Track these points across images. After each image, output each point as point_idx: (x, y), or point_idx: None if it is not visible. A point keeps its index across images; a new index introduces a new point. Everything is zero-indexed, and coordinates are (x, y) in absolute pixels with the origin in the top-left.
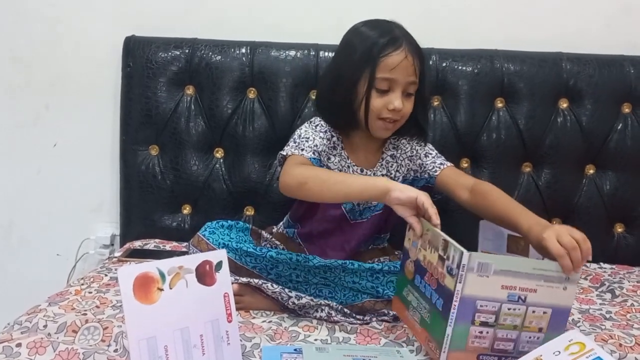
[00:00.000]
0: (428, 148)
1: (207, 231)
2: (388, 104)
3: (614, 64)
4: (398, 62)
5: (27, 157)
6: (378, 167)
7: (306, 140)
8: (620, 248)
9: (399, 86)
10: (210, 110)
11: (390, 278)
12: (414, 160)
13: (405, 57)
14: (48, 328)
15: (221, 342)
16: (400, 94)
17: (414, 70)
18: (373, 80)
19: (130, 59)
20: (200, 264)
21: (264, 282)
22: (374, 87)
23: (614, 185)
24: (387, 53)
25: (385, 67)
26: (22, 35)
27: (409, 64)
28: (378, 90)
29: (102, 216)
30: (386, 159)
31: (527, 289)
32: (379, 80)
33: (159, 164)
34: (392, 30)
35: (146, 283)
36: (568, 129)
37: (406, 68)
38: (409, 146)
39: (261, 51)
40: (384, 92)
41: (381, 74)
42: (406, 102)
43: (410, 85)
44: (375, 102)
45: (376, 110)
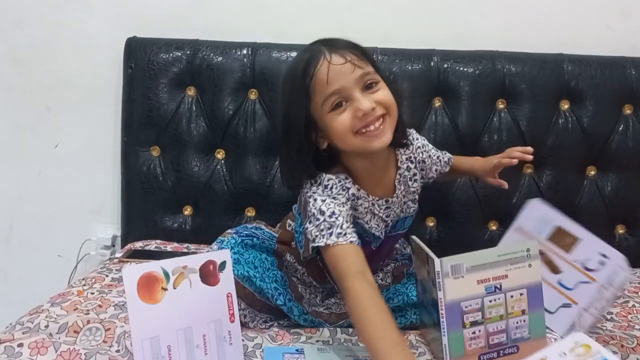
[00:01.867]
0: (428, 145)
1: (233, 257)
2: (356, 113)
3: (616, 65)
4: (326, 71)
5: (29, 158)
6: (398, 188)
7: (337, 218)
8: (621, 249)
9: (351, 89)
10: (212, 111)
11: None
12: (431, 164)
13: (331, 60)
14: (50, 328)
15: (223, 342)
16: (359, 94)
17: (352, 65)
18: (323, 108)
19: (132, 60)
20: (204, 264)
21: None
22: (329, 112)
23: (616, 186)
24: (312, 72)
25: (319, 86)
26: (23, 36)
27: (340, 63)
28: (335, 110)
29: (103, 217)
30: (403, 174)
31: (499, 277)
32: (326, 102)
33: (160, 165)
34: (309, 49)
35: (150, 283)
36: (569, 130)
37: (341, 69)
38: (426, 157)
39: (262, 52)
40: (342, 108)
41: (322, 95)
42: (375, 94)
43: (364, 77)
44: (339, 121)
45: (345, 128)
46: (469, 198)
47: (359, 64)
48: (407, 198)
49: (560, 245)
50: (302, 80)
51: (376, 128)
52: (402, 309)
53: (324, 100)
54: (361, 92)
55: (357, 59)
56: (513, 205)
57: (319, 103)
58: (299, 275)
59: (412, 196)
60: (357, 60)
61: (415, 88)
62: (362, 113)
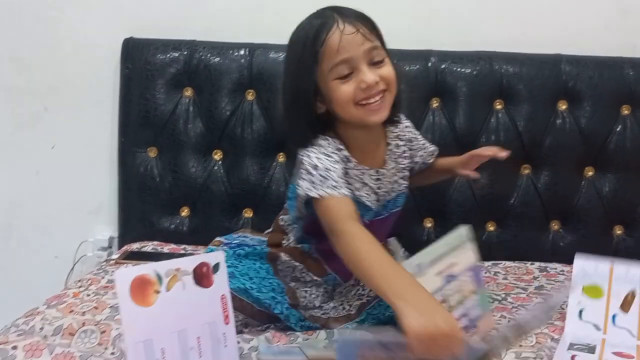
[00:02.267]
0: (414, 129)
1: (228, 263)
2: (360, 84)
3: (613, 65)
4: (338, 39)
5: (26, 158)
6: (388, 161)
7: (330, 172)
8: (619, 250)
9: (359, 60)
10: (209, 112)
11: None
12: (418, 151)
13: (342, 30)
14: (45, 331)
15: (218, 345)
16: (366, 66)
17: (363, 37)
18: (329, 75)
19: (129, 61)
20: (198, 266)
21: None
22: (334, 79)
23: (613, 187)
24: (324, 38)
25: (330, 53)
26: (22, 36)
27: (352, 33)
28: (340, 78)
29: (100, 218)
30: (392, 150)
31: (450, 265)
32: (334, 70)
33: (158, 165)
34: (322, 13)
35: (143, 285)
36: (567, 131)
37: (353, 39)
38: (414, 136)
39: (260, 53)
40: (347, 77)
41: (331, 62)
42: (380, 69)
43: (372, 51)
44: (342, 90)
45: (348, 98)
46: (467, 199)
47: (369, 37)
48: (397, 176)
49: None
50: (312, 45)
51: (376, 101)
52: None
53: (331, 68)
54: (367, 65)
55: (367, 32)
56: (511, 206)
57: (326, 69)
58: (298, 274)
59: (402, 173)
60: (367, 33)
61: (413, 89)
62: (366, 85)
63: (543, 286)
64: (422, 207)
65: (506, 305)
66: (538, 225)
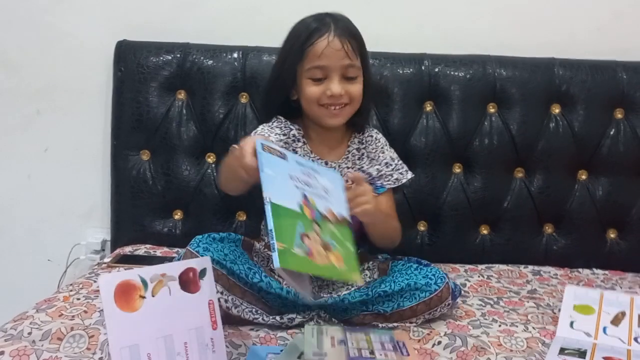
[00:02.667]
0: (389, 157)
1: (200, 247)
2: (326, 91)
3: (606, 69)
4: (323, 47)
5: (18, 161)
6: (344, 159)
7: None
8: (613, 254)
9: (333, 71)
10: (202, 115)
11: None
12: (373, 163)
13: (331, 40)
14: (32, 335)
15: (206, 350)
16: (337, 79)
17: (345, 53)
18: (305, 72)
19: (122, 64)
20: (184, 272)
21: (255, 316)
22: (308, 78)
23: (607, 190)
24: (313, 41)
25: (313, 55)
26: (13, 39)
27: (337, 47)
28: (313, 79)
29: (92, 221)
30: (352, 152)
31: None
32: (310, 70)
33: (150, 168)
34: (322, 19)
35: (127, 291)
36: (560, 135)
37: (335, 52)
38: (374, 147)
39: (253, 56)
40: (319, 81)
41: (310, 64)
42: (350, 85)
43: (348, 68)
44: (311, 90)
45: (313, 98)
46: (460, 202)
47: (350, 55)
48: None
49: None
50: (302, 43)
51: (335, 109)
52: (389, 295)
53: (309, 68)
54: (340, 78)
55: (350, 50)
56: (504, 210)
57: (305, 67)
58: (271, 265)
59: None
60: (350, 51)
61: (406, 92)
62: (331, 94)
63: (536, 290)
64: (416, 210)
65: (498, 309)
66: (531, 228)
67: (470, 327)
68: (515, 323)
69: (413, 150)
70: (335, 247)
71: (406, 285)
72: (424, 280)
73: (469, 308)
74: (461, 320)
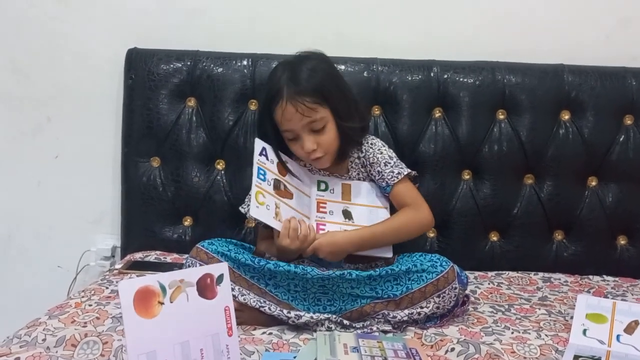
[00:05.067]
0: (387, 156)
1: (205, 242)
2: (303, 148)
3: (616, 75)
4: (281, 114)
5: (28, 168)
6: (351, 171)
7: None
8: (623, 260)
9: (299, 131)
10: (212, 122)
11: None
12: (374, 167)
13: (285, 108)
14: (47, 342)
15: (221, 356)
16: (306, 135)
17: (300, 115)
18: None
19: (132, 71)
20: (202, 277)
21: (262, 305)
22: (286, 138)
23: (617, 197)
24: (274, 109)
25: (278, 121)
26: (24, 46)
27: (292, 112)
28: (289, 139)
29: (103, 228)
30: (354, 162)
31: None
32: (284, 133)
33: (160, 175)
34: (277, 81)
35: (147, 297)
36: (570, 141)
37: (292, 116)
38: (372, 152)
39: (263, 63)
40: (294, 140)
41: (281, 127)
42: (319, 136)
43: (311, 123)
44: (292, 148)
45: (297, 153)
46: (470, 208)
47: (307, 114)
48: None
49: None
50: (268, 107)
51: (317, 158)
52: (395, 276)
53: (283, 132)
54: (308, 133)
55: (306, 109)
56: (514, 216)
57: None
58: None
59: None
60: (305, 109)
61: (415, 99)
62: (306, 151)
63: (547, 297)
64: None
65: (510, 316)
66: (541, 235)
67: (483, 334)
68: (527, 330)
69: (422, 157)
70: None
71: (412, 266)
72: (429, 262)
73: (481, 315)
74: (473, 327)
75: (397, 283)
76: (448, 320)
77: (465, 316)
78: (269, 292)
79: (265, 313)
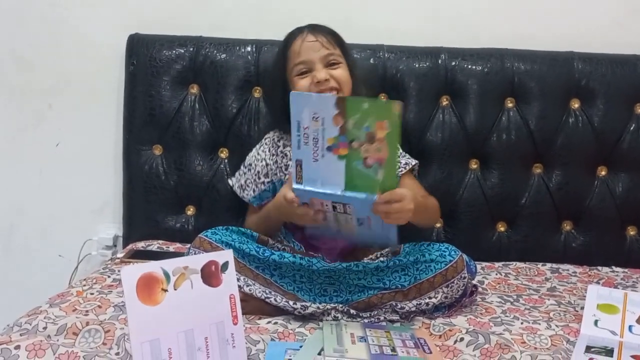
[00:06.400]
0: None
1: (209, 232)
2: (313, 79)
3: (627, 63)
4: (299, 45)
5: (30, 157)
6: None
7: (246, 173)
8: (633, 251)
9: (315, 62)
10: (215, 109)
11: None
12: None
13: (304, 37)
14: (48, 330)
15: (226, 345)
16: (320, 67)
17: (321, 45)
18: (292, 72)
19: (134, 57)
20: (206, 264)
21: (268, 296)
22: (295, 76)
23: (627, 186)
24: (291, 42)
25: (293, 55)
26: (25, 35)
27: (311, 40)
28: (299, 75)
29: (104, 217)
30: None
31: None
32: (294, 68)
33: (163, 164)
34: (298, 28)
35: (150, 283)
36: (580, 130)
37: (312, 46)
38: None
39: (267, 50)
40: (304, 74)
41: (292, 62)
42: (334, 71)
43: (328, 57)
44: (299, 84)
45: (303, 90)
46: (477, 198)
47: (327, 45)
48: None
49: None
50: (283, 48)
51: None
52: (404, 267)
53: (293, 66)
54: (323, 67)
55: (326, 41)
56: (522, 206)
57: (290, 67)
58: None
59: None
60: (325, 42)
61: (423, 86)
62: (317, 80)
63: (556, 287)
64: None
65: (519, 306)
66: (549, 225)
67: (492, 324)
68: (537, 320)
69: (429, 146)
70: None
71: (420, 256)
72: (438, 252)
73: (489, 305)
74: (482, 317)
75: (404, 273)
76: (456, 310)
77: (473, 306)
78: (275, 283)
79: (270, 304)
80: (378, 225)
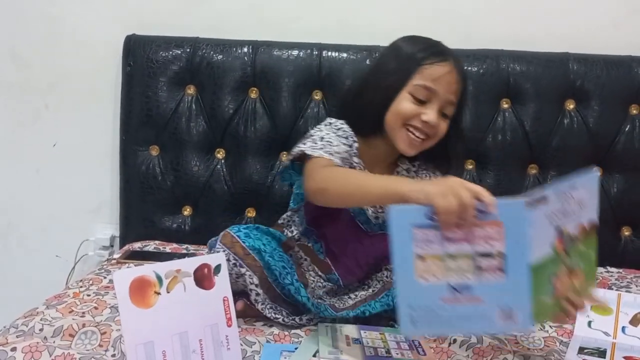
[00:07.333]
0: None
1: (241, 232)
2: (422, 115)
3: (622, 64)
4: (442, 73)
5: (26, 156)
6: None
7: (330, 145)
8: (627, 252)
9: (437, 100)
10: (212, 110)
11: None
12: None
13: (451, 71)
14: (44, 332)
15: (221, 347)
16: (437, 107)
17: (456, 89)
18: (410, 87)
19: (131, 58)
20: (199, 267)
21: (276, 316)
22: (410, 93)
23: (622, 187)
24: (433, 62)
25: (428, 75)
26: (22, 34)
27: (452, 80)
28: (415, 98)
29: (101, 217)
30: (401, 173)
31: None
32: (418, 88)
33: (160, 164)
34: (439, 44)
35: (143, 287)
36: (575, 131)
37: (449, 83)
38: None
39: (263, 50)
40: (419, 102)
41: (421, 82)
42: (441, 121)
43: (449, 105)
44: (407, 106)
45: (406, 115)
46: None
47: (457, 94)
48: None
49: None
50: (421, 58)
51: (415, 137)
52: None
53: (417, 85)
54: (438, 109)
55: (459, 91)
56: None
57: (414, 82)
58: (304, 268)
59: None
60: (459, 91)
61: None
62: (426, 119)
63: None
64: None
65: None
66: None
67: None
68: None
69: None
70: (578, 265)
71: None
72: None
73: None
74: None
75: None
76: None
77: None
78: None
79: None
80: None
